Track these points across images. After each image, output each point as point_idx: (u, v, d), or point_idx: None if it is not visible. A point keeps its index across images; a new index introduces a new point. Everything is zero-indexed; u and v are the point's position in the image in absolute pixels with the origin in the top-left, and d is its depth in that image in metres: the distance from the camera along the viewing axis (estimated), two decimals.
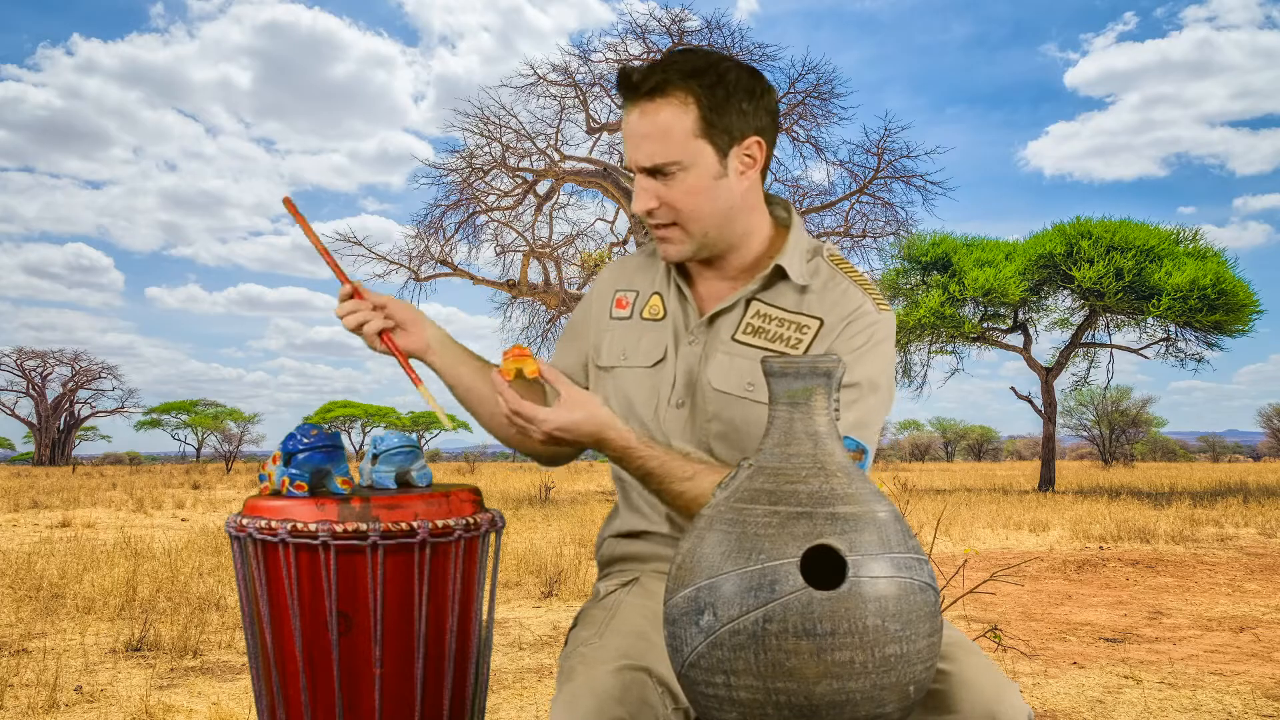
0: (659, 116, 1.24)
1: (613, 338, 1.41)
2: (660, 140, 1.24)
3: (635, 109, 1.26)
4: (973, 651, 1.09)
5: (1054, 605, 4.88)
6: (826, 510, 0.89)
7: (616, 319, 1.42)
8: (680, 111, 1.24)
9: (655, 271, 1.43)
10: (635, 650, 1.15)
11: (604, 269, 1.51)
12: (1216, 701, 3.00)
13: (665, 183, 1.26)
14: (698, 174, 1.26)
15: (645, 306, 1.40)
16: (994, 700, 1.01)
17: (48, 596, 4.90)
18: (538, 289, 16.38)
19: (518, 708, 2.94)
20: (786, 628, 0.83)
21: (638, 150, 1.26)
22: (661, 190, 1.27)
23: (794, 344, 1.30)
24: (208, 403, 38.41)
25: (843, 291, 1.32)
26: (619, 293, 1.44)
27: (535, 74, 16.20)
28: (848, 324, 1.29)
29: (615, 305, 1.43)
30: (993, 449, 44.88)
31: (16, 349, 39.32)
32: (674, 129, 1.24)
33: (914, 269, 17.57)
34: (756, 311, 1.32)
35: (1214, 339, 16.28)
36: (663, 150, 1.24)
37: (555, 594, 5.13)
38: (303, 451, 1.38)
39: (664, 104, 1.24)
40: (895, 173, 16.02)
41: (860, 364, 1.28)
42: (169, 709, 2.88)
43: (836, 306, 1.31)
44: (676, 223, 1.28)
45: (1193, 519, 9.49)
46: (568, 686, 1.09)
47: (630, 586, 1.35)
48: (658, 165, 1.25)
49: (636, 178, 1.29)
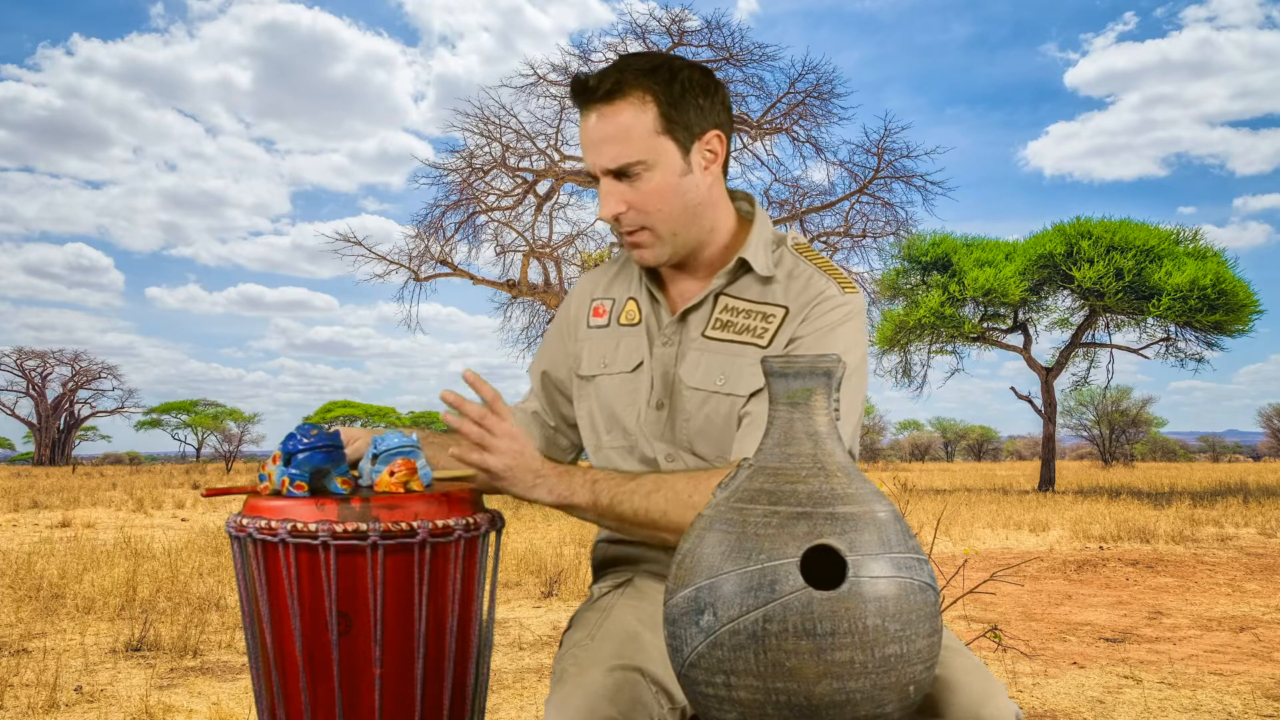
0: (619, 118, 1.24)
1: (592, 346, 1.41)
2: (623, 141, 1.24)
3: (593, 113, 1.26)
4: (961, 653, 1.09)
5: (1054, 605, 4.88)
6: (826, 510, 0.89)
7: (594, 328, 1.43)
8: (639, 110, 1.24)
9: (629, 277, 1.43)
10: (628, 651, 1.15)
11: (581, 277, 1.51)
12: (1216, 701, 3.00)
13: (631, 184, 1.26)
14: (663, 172, 1.26)
15: (621, 313, 1.41)
16: (981, 702, 1.01)
17: (48, 596, 4.90)
18: (538, 289, 16.38)
19: (518, 708, 2.94)
20: (786, 628, 0.83)
21: (600, 154, 1.26)
22: (628, 193, 1.26)
23: (760, 334, 1.30)
24: (208, 403, 38.43)
25: (807, 279, 1.33)
26: (596, 301, 1.45)
27: (535, 74, 16.21)
28: (813, 307, 1.30)
29: (593, 314, 1.44)
30: (993, 449, 44.87)
31: (16, 349, 39.37)
32: (635, 128, 1.24)
33: (914, 269, 17.57)
34: (724, 306, 1.33)
35: (1214, 339, 16.29)
36: (626, 150, 1.24)
37: (555, 594, 5.13)
38: (303, 451, 1.38)
39: (623, 105, 1.24)
40: (895, 173, 16.03)
41: (825, 343, 1.29)
42: (169, 709, 2.88)
43: (801, 293, 1.32)
44: (646, 226, 1.28)
45: (1193, 519, 9.49)
46: (560, 688, 1.10)
47: (623, 588, 1.35)
48: (623, 166, 1.24)
49: (601, 183, 1.28)
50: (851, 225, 16.49)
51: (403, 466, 1.42)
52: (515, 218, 16.76)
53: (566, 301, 1.50)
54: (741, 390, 1.28)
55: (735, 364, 1.29)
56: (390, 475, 1.41)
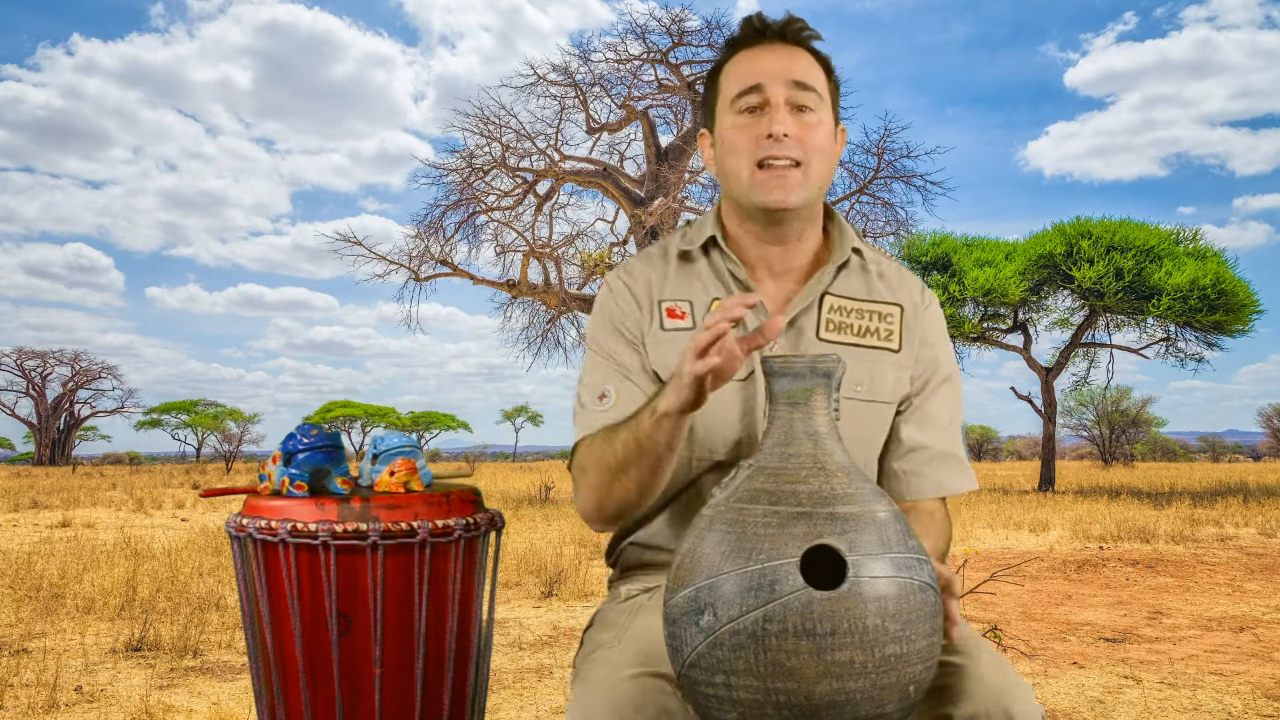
0: (804, 58, 1.22)
1: (676, 349, 1.24)
2: (810, 71, 1.21)
3: (775, 47, 1.22)
4: (985, 648, 1.07)
5: (1054, 605, 4.87)
6: (826, 510, 0.89)
7: (674, 330, 1.26)
8: (816, 64, 1.23)
9: (700, 278, 1.29)
10: (657, 655, 1.09)
11: (620, 276, 1.32)
12: (1216, 701, 3.00)
13: (801, 118, 1.20)
14: (829, 122, 1.23)
15: (708, 314, 1.25)
16: (1009, 695, 0.99)
17: (48, 596, 4.90)
18: (538, 289, 16.38)
19: (518, 708, 2.94)
20: (786, 628, 0.83)
21: (788, 69, 1.20)
22: (793, 125, 1.19)
23: (887, 336, 1.26)
24: (208, 403, 38.47)
25: (898, 271, 1.31)
26: (667, 303, 1.28)
27: (535, 74, 16.20)
28: (927, 307, 1.29)
29: (666, 315, 1.27)
30: (993, 449, 44.87)
31: (16, 349, 39.38)
32: (816, 70, 1.23)
33: (914, 269, 17.57)
34: (832, 305, 1.26)
35: (1214, 339, 16.29)
36: (813, 77, 1.21)
37: (555, 594, 5.13)
38: (303, 451, 1.38)
39: (803, 53, 1.22)
40: (895, 173, 16.02)
41: (948, 351, 1.29)
42: (169, 709, 2.88)
43: (902, 288, 1.29)
44: (801, 162, 1.20)
45: (1193, 519, 9.49)
46: (584, 691, 1.05)
47: (653, 592, 1.28)
48: (809, 84, 1.20)
49: (775, 106, 1.19)
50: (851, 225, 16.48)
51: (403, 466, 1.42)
52: (515, 218, 16.77)
53: (609, 301, 1.31)
54: (886, 396, 1.25)
55: (871, 369, 1.25)
56: (390, 475, 1.41)
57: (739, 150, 1.21)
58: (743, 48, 1.23)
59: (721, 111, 1.24)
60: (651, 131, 16.06)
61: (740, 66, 1.22)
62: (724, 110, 1.24)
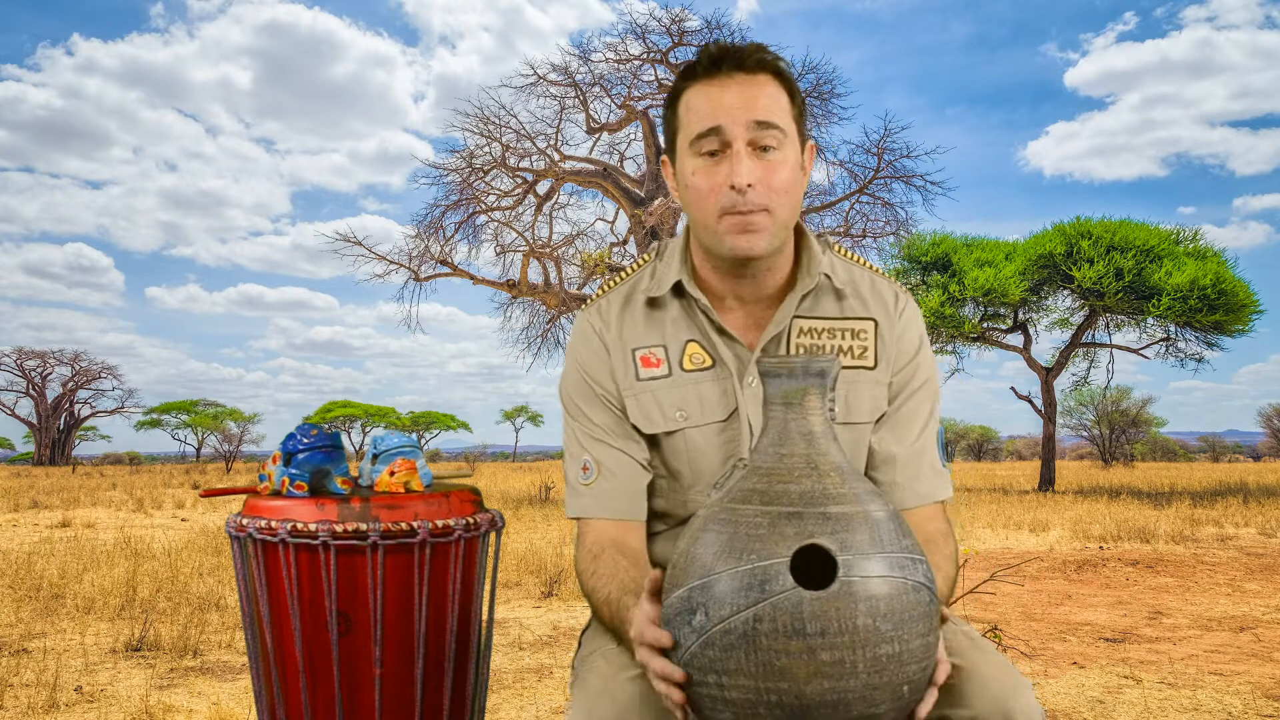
0: (766, 87, 1.17)
1: (654, 399, 1.25)
2: (772, 105, 1.16)
3: (733, 80, 1.16)
4: (987, 649, 1.07)
5: (1054, 605, 4.88)
6: (818, 510, 0.89)
7: (651, 379, 1.26)
8: (779, 88, 1.18)
9: (670, 321, 1.28)
10: None
11: (590, 320, 1.31)
12: (1216, 701, 3.01)
13: (764, 158, 1.16)
14: (794, 156, 1.19)
15: (683, 358, 1.26)
16: (1009, 696, 1.00)
17: (48, 596, 4.91)
18: (538, 289, 16.38)
19: (518, 708, 2.94)
20: (776, 628, 0.84)
21: (751, 109, 1.15)
22: (757, 169, 1.16)
23: (861, 354, 1.25)
24: (208, 403, 38.47)
25: (870, 283, 1.29)
26: (641, 350, 1.27)
27: (535, 74, 16.21)
28: (901, 312, 1.28)
29: (641, 364, 1.26)
30: (993, 449, 44.84)
31: (16, 349, 39.39)
32: (779, 100, 1.18)
33: (914, 269, 17.57)
34: (800, 329, 1.25)
35: (1214, 339, 16.29)
36: (776, 112, 1.16)
37: (555, 594, 5.13)
38: (303, 451, 1.38)
39: (766, 79, 1.17)
40: (895, 173, 16.02)
41: (925, 355, 1.28)
42: (169, 709, 2.89)
43: (875, 300, 1.28)
44: (768, 208, 1.16)
45: (1193, 519, 9.49)
46: (584, 694, 1.05)
47: None
48: (771, 123, 1.15)
49: (737, 150, 1.15)
50: (851, 225, 16.49)
51: (403, 466, 1.42)
52: (515, 218, 16.77)
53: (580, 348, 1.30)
54: (864, 417, 1.24)
55: (846, 392, 1.23)
56: (390, 475, 1.42)
57: (703, 196, 1.18)
58: (700, 79, 1.19)
59: (682, 149, 1.21)
60: (651, 131, 16.07)
61: (699, 101, 1.18)
62: (684, 149, 1.20)
